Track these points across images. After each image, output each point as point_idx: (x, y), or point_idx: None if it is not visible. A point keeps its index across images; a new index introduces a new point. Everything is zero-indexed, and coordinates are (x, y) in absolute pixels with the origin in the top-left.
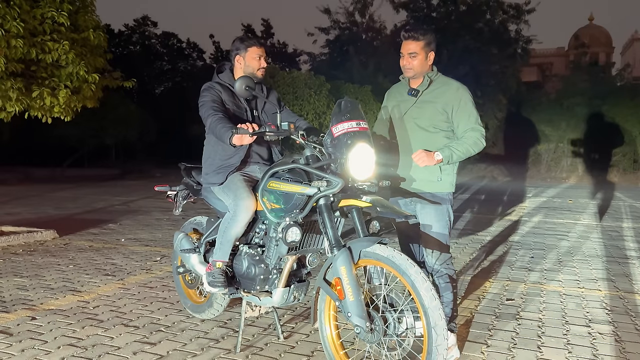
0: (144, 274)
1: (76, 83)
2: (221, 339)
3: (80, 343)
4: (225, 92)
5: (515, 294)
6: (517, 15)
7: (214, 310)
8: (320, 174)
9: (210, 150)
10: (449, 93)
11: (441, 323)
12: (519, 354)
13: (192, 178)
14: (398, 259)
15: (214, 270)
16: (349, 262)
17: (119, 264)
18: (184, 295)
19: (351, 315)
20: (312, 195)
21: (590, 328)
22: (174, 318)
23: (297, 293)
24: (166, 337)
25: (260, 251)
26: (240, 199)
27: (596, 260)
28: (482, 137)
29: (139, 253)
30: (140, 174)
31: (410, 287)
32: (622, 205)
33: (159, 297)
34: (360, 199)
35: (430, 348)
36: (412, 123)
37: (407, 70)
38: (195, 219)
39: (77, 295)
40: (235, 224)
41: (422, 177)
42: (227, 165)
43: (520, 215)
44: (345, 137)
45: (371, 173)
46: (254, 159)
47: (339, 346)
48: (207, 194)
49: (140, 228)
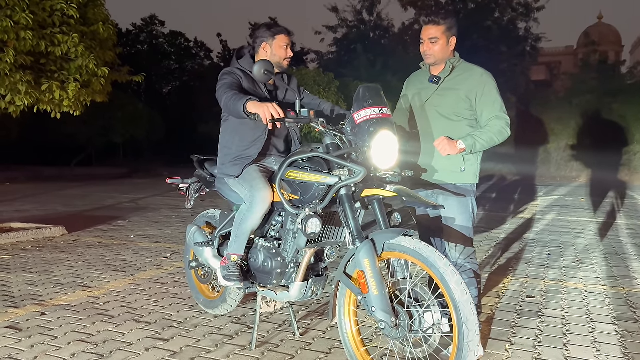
0: (155, 270)
1: (85, 77)
2: (235, 335)
3: (91, 339)
4: (246, 78)
5: (536, 291)
6: (526, 13)
7: (228, 305)
8: (341, 163)
9: (227, 140)
10: (472, 79)
11: (473, 318)
12: (545, 352)
13: (205, 170)
14: (425, 251)
15: (229, 264)
16: (372, 254)
17: (129, 260)
18: (196, 291)
19: (375, 310)
20: (332, 185)
21: (617, 326)
22: (186, 314)
23: (315, 287)
24: (179, 333)
25: (277, 244)
26: (257, 190)
27: (615, 258)
28: (507, 125)
29: (149, 249)
30: (147, 172)
31: (439, 280)
32: (636, 204)
33: (170, 292)
34: (384, 188)
35: (461, 344)
36: (434, 111)
37: (428, 57)
38: (208, 212)
39: (87, 290)
40: (252, 216)
41: (445, 167)
42: (244, 157)
43: (534, 213)
44: (368, 124)
45: (394, 162)
46: (272, 151)
47: (359, 343)
48: (221, 186)
49: (149, 225)
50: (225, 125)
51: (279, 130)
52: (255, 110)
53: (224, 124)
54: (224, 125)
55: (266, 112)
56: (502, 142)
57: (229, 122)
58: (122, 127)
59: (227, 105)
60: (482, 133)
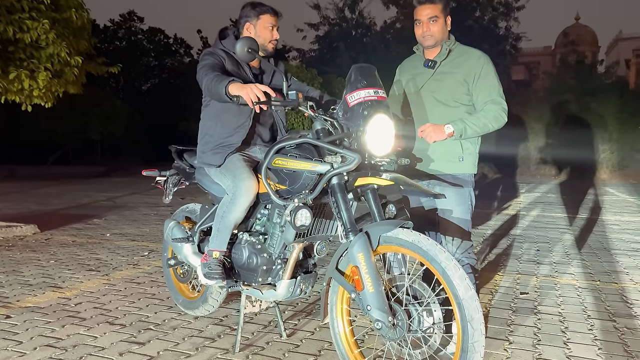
0: (131, 269)
1: (57, 66)
2: (217, 337)
3: (60, 343)
4: (229, 60)
5: (529, 288)
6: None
7: (209, 306)
8: (333, 149)
9: (208, 127)
10: (470, 62)
11: (478, 316)
12: (546, 351)
13: (184, 161)
14: (425, 244)
15: (210, 261)
16: (367, 248)
17: (104, 259)
18: (175, 291)
19: (371, 309)
20: (323, 174)
21: (616, 322)
22: (164, 315)
23: (303, 285)
24: (156, 336)
25: (263, 239)
26: (240, 180)
27: (604, 253)
28: (504, 111)
29: (126, 248)
30: (126, 171)
31: (441, 275)
32: (617, 200)
33: (147, 293)
34: (379, 176)
35: (465, 345)
36: (430, 97)
37: (427, 38)
38: (188, 206)
39: (57, 291)
40: (235, 208)
41: (442, 157)
42: (226, 145)
43: (518, 209)
44: (362, 107)
45: (390, 148)
46: (256, 140)
47: (353, 344)
48: (202, 177)
49: (126, 223)
50: (206, 111)
51: (264, 118)
52: (238, 91)
53: (204, 109)
54: (205, 111)
55: (250, 93)
56: (497, 129)
57: (210, 108)
58: (99, 124)
59: (208, 88)
60: (476, 118)
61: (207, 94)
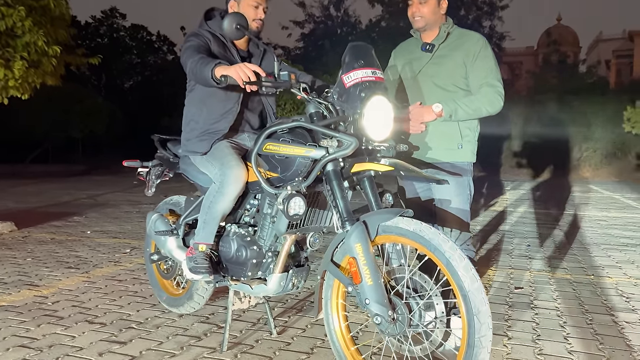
0: (112, 267)
1: (34, 56)
2: (204, 335)
3: (35, 343)
4: (215, 42)
5: (523, 282)
6: (491, 11)
7: (195, 303)
8: (328, 133)
9: (193, 113)
10: (469, 43)
11: (485, 309)
12: (547, 346)
13: (167, 150)
14: (428, 233)
15: (196, 255)
16: (365, 238)
17: (84, 256)
18: (158, 287)
19: (369, 303)
20: (318, 159)
21: (614, 317)
22: (147, 313)
23: (295, 279)
24: (138, 334)
25: (252, 231)
26: (228, 168)
27: (595, 248)
28: (500, 95)
29: (107, 245)
30: (107, 169)
31: (445, 266)
32: (602, 197)
33: (129, 290)
34: (378, 162)
35: (471, 340)
36: (429, 82)
37: (417, 20)
38: (172, 198)
39: (33, 289)
40: (222, 197)
41: (440, 144)
42: (212, 131)
43: (505, 206)
44: (359, 88)
45: (389, 133)
46: (244, 126)
47: (349, 341)
48: (187, 167)
49: (108, 221)
50: (190, 96)
51: (253, 104)
52: (226, 71)
53: (189, 94)
54: (190, 96)
55: (240, 72)
56: (491, 114)
57: (195, 93)
58: (80, 121)
59: (193, 71)
60: (469, 100)
61: (191, 78)
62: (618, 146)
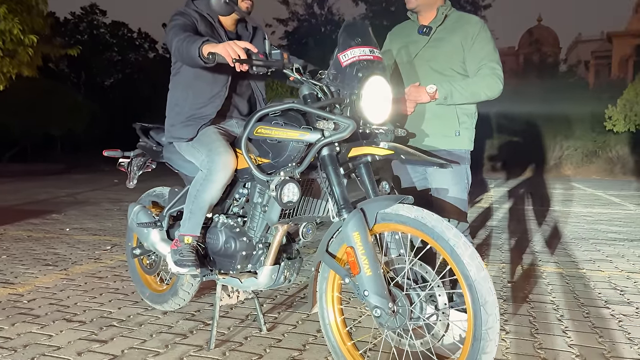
0: (92, 264)
1: (9, 45)
2: (189, 333)
3: (8, 343)
4: (203, 21)
5: (516, 277)
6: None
7: (179, 299)
8: (324, 115)
9: (178, 97)
10: (467, 25)
11: (492, 299)
12: (546, 340)
13: (150, 138)
14: (430, 220)
15: (182, 247)
16: (363, 227)
17: (62, 253)
18: (141, 284)
19: (368, 294)
20: (313, 143)
21: (611, 310)
22: (128, 311)
23: (288, 272)
24: (120, 332)
25: (242, 222)
26: (216, 154)
27: (584, 243)
28: (499, 79)
29: (86, 242)
30: (87, 168)
31: (449, 255)
32: (585, 194)
33: (110, 287)
34: (377, 146)
35: (478, 332)
36: (426, 66)
37: (410, 1)
38: (155, 190)
39: (8, 287)
40: (210, 185)
41: (437, 131)
42: (199, 117)
43: (490, 202)
44: (356, 67)
45: (387, 115)
46: (232, 112)
47: (345, 335)
48: (171, 155)
49: (87, 218)
50: (175, 79)
51: (242, 89)
52: (214, 49)
53: (174, 78)
54: (175, 79)
55: (229, 50)
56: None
57: (180, 76)
58: (59, 119)
59: (179, 50)
60: (466, 83)
61: (177, 58)
62: (599, 144)
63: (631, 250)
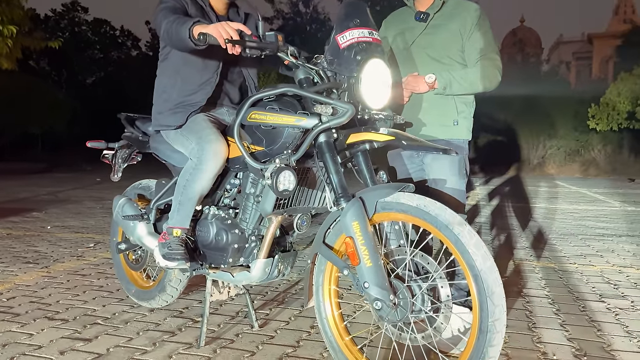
0: (75, 261)
1: None
2: (178, 330)
3: None
4: (193, 4)
5: (508, 272)
6: None
7: (167, 296)
8: (322, 99)
9: (166, 83)
10: (466, 13)
11: (499, 290)
12: (545, 334)
13: (136, 128)
14: (434, 208)
15: (171, 240)
16: (363, 216)
17: (44, 251)
18: (126, 280)
19: (369, 286)
20: (310, 129)
21: (607, 303)
22: (113, 308)
23: (282, 265)
24: (105, 331)
25: (233, 213)
26: (207, 142)
27: (573, 238)
28: (499, 70)
29: (68, 240)
30: (69, 167)
31: (453, 244)
32: (569, 192)
33: (93, 285)
34: (377, 131)
35: (484, 324)
36: (422, 54)
37: None
38: (140, 182)
39: None
40: (200, 175)
41: (435, 120)
42: (188, 104)
43: (477, 200)
44: (354, 49)
45: (387, 101)
46: (223, 100)
47: (342, 330)
48: (158, 145)
49: (69, 216)
50: (163, 65)
51: (233, 75)
52: (205, 29)
53: (162, 64)
54: (163, 65)
55: (221, 31)
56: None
57: (169, 61)
58: (40, 117)
59: (168, 32)
60: (465, 72)
61: (166, 41)
62: (582, 143)
63: (620, 245)
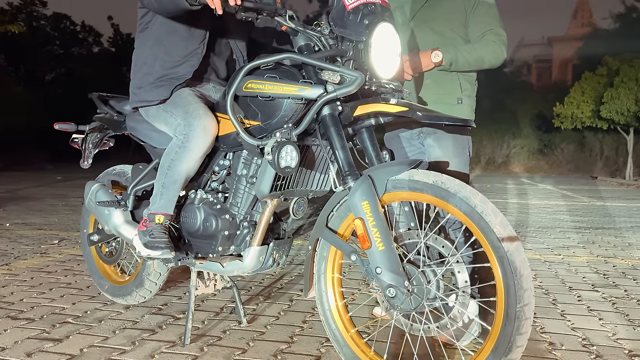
0: (38, 258)
1: None
2: (158, 328)
3: None
4: None
5: None
6: None
7: (145, 291)
8: (327, 66)
9: (147, 55)
10: None
11: (527, 272)
12: (548, 324)
13: (110, 107)
14: (452, 185)
15: (153, 227)
16: (373, 195)
17: (3, 248)
18: (99, 275)
19: (381, 272)
20: (314, 99)
21: (601, 292)
22: (85, 306)
23: (277, 254)
24: (77, 330)
25: (222, 197)
26: (195, 118)
27: (552, 231)
28: (504, 45)
29: (30, 237)
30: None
31: (476, 224)
32: (537, 189)
33: (60, 282)
34: (387, 102)
35: (511, 310)
36: (425, 27)
37: None
38: (115, 168)
39: None
40: (187, 154)
41: (438, 99)
42: (172, 77)
43: None
44: (362, 12)
45: (397, 70)
46: (210, 74)
47: (347, 322)
48: (136, 125)
49: (30, 213)
50: (144, 35)
51: (220, 48)
52: None
53: (140, 35)
54: (143, 36)
55: None
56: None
57: (150, 31)
58: None
59: None
60: (471, 47)
61: (152, 5)
62: (545, 142)
63: (599, 237)
